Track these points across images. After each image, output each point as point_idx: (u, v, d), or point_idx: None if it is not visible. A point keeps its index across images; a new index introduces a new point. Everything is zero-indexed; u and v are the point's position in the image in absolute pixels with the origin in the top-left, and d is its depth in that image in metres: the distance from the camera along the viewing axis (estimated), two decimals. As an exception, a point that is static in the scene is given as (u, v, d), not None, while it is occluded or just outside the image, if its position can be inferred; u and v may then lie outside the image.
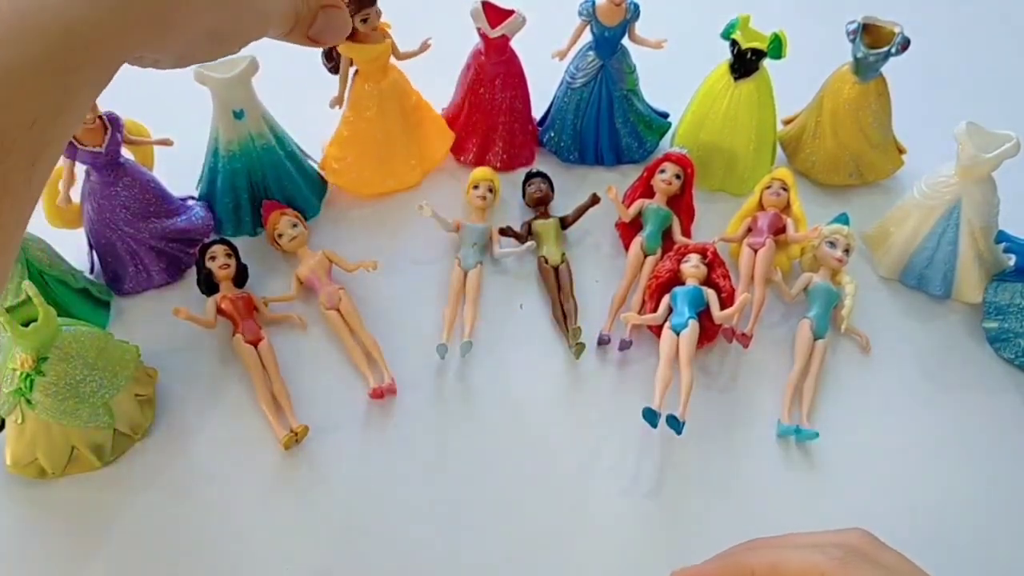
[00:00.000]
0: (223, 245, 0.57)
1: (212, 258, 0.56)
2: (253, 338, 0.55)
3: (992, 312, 0.58)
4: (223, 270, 0.56)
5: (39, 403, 0.47)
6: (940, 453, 0.53)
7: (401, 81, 0.63)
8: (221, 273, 0.56)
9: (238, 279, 0.57)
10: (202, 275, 0.56)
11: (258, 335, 0.55)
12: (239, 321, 0.55)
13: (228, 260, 0.56)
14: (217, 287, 0.56)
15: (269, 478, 0.51)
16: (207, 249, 0.56)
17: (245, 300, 0.56)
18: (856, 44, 0.61)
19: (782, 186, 0.61)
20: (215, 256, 0.56)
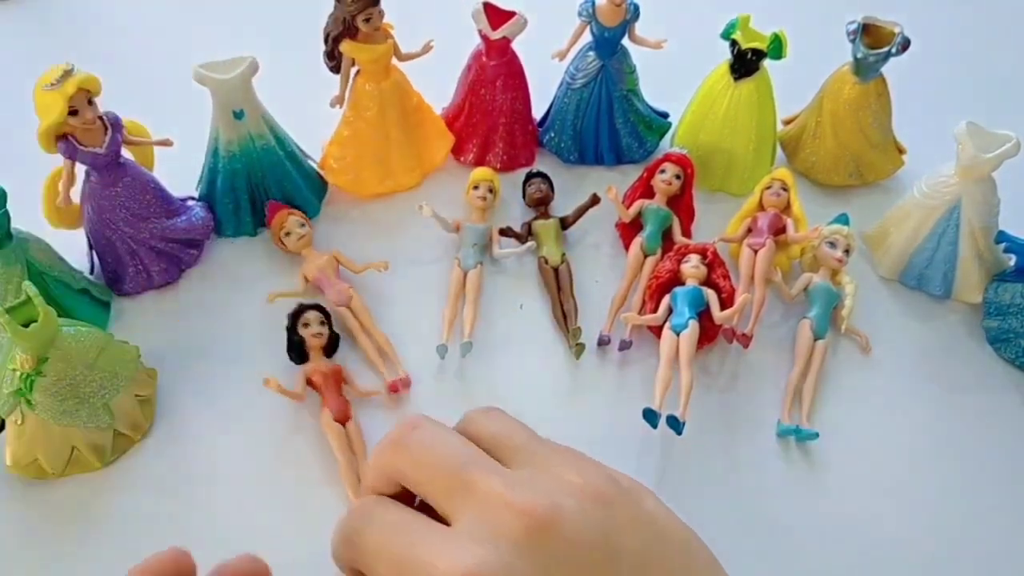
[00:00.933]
0: (317, 312, 0.53)
1: (306, 325, 0.53)
2: (341, 416, 0.51)
3: (992, 312, 0.58)
4: (316, 339, 0.53)
5: (39, 403, 0.47)
6: (940, 453, 0.53)
7: (402, 82, 0.63)
8: (314, 342, 0.53)
9: (329, 348, 0.54)
10: (293, 342, 0.53)
11: (346, 413, 0.52)
12: (327, 396, 0.52)
13: (322, 328, 0.53)
14: (307, 355, 0.53)
15: (269, 478, 0.51)
16: (300, 315, 0.53)
17: (335, 373, 0.53)
18: (856, 44, 0.61)
19: (782, 186, 0.61)
20: (309, 323, 0.53)
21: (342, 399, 0.52)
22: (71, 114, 0.51)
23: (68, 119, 0.51)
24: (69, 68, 0.50)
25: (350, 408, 0.52)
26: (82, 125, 0.52)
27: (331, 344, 0.54)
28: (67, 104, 0.50)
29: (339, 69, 0.61)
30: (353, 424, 0.51)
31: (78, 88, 0.50)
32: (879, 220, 0.62)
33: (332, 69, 0.62)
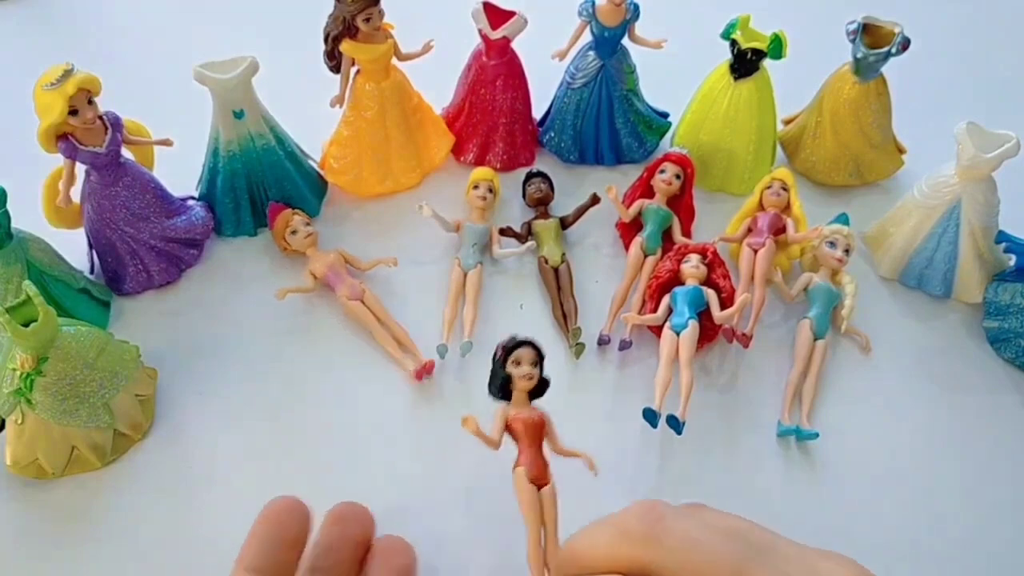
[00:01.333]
0: (531, 350, 0.44)
1: (517, 364, 0.44)
2: (539, 478, 0.43)
3: (992, 312, 0.58)
4: (525, 381, 0.44)
5: (39, 403, 0.47)
6: (940, 453, 0.53)
7: (402, 82, 0.63)
8: (521, 384, 0.44)
9: (536, 392, 0.46)
10: (499, 377, 0.45)
11: (545, 475, 0.44)
12: (525, 450, 0.44)
13: (533, 370, 0.44)
14: (510, 394, 0.45)
15: (269, 478, 0.51)
16: (512, 350, 0.44)
17: (537, 424, 0.44)
18: (856, 44, 0.61)
19: (782, 186, 0.61)
20: (520, 362, 0.44)
21: (542, 457, 0.44)
22: (71, 114, 0.51)
23: (68, 119, 0.51)
24: (69, 68, 0.50)
25: (549, 470, 0.43)
26: (82, 125, 0.52)
27: (539, 389, 0.45)
28: (67, 104, 0.50)
29: (339, 69, 0.61)
30: (550, 489, 0.43)
31: (78, 88, 0.50)
32: (879, 220, 0.62)
33: (332, 69, 0.62)
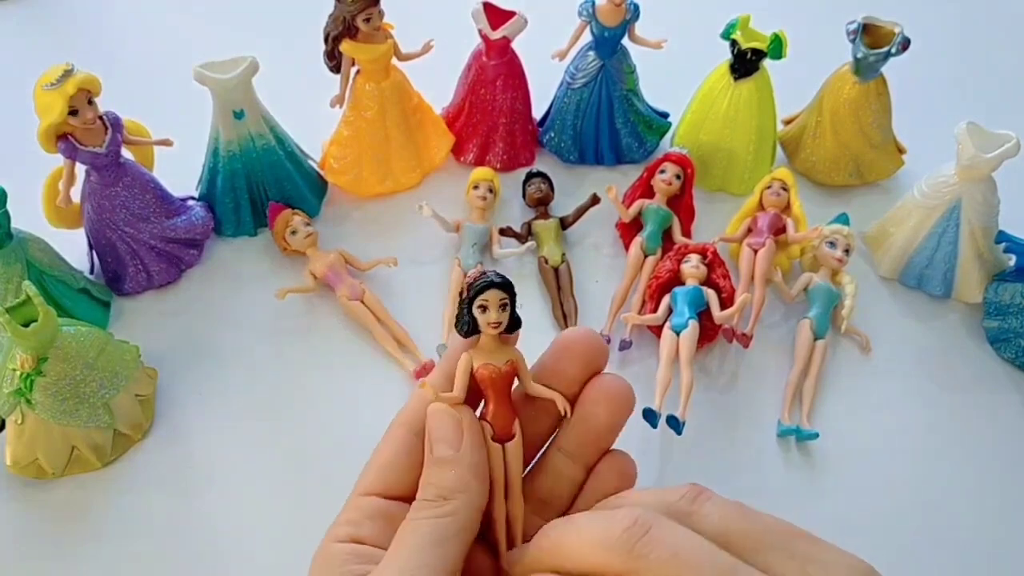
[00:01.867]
0: (500, 292, 0.35)
1: (483, 308, 0.35)
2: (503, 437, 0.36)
3: (992, 312, 0.58)
4: (492, 328, 0.36)
5: (39, 403, 0.47)
6: (940, 453, 0.53)
7: (402, 82, 0.63)
8: (488, 330, 0.36)
9: (508, 329, 0.37)
10: (464, 321, 0.36)
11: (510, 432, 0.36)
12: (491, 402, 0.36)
13: (501, 316, 0.36)
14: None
15: (270, 478, 0.51)
16: (478, 293, 0.35)
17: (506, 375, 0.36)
18: (856, 44, 0.61)
19: (782, 186, 0.61)
20: (486, 307, 0.35)
21: (510, 410, 0.36)
22: (71, 114, 0.51)
23: (68, 119, 0.51)
24: (69, 68, 0.50)
25: (516, 423, 0.36)
26: (82, 125, 0.52)
27: (510, 328, 0.37)
28: (67, 104, 0.50)
29: (339, 69, 0.61)
30: (515, 444, 0.36)
31: (78, 88, 0.50)
32: (879, 220, 0.62)
33: (332, 69, 0.62)
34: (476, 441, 0.34)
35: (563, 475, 0.36)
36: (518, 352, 0.37)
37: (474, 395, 0.36)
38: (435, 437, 0.34)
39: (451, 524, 0.32)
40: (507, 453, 0.36)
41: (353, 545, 0.33)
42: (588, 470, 0.36)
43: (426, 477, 0.33)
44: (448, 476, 0.33)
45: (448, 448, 0.33)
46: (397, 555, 0.31)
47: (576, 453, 0.36)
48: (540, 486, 0.36)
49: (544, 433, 0.37)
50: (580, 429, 0.36)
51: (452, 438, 0.33)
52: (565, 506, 0.36)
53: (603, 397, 0.35)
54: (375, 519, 0.33)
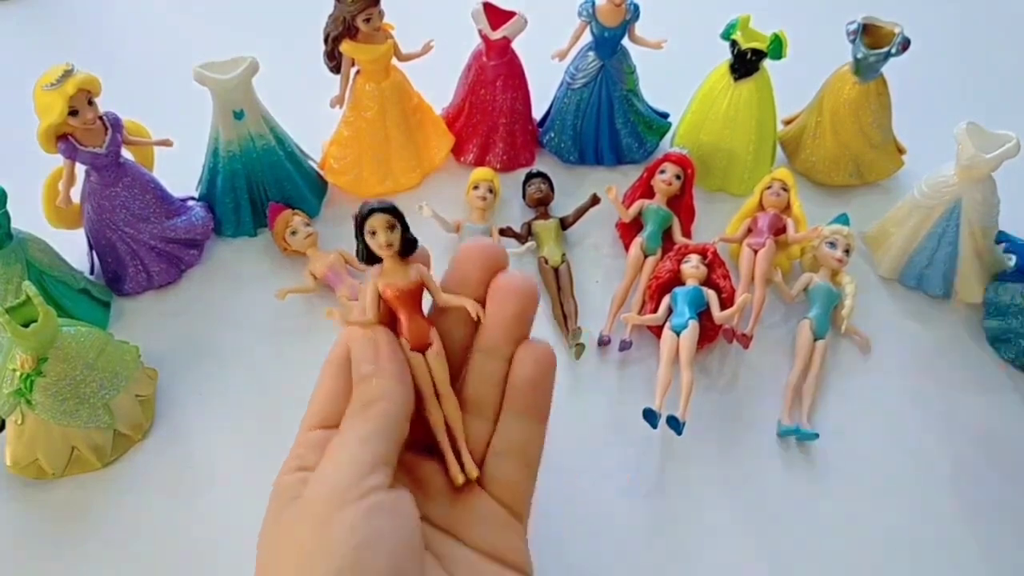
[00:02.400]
0: (383, 215, 0.37)
1: (372, 233, 0.37)
2: (421, 346, 0.38)
3: (992, 312, 0.58)
4: (385, 250, 0.37)
5: (39, 403, 0.47)
6: (940, 453, 0.53)
7: (402, 82, 0.63)
8: (382, 253, 0.38)
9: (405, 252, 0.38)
10: (361, 250, 0.38)
11: (426, 340, 0.38)
12: (403, 317, 0.38)
13: (391, 237, 0.37)
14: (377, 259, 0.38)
15: (270, 478, 0.51)
16: (364, 221, 0.37)
17: (412, 290, 0.38)
18: (856, 44, 0.61)
19: (782, 186, 0.61)
20: (375, 231, 0.37)
21: (422, 320, 0.38)
22: (71, 114, 0.51)
23: (68, 119, 0.51)
24: (69, 68, 0.50)
25: (431, 330, 0.38)
26: (82, 125, 0.52)
27: (407, 249, 0.38)
28: (67, 104, 0.50)
29: (339, 69, 0.61)
30: (433, 350, 0.38)
31: (78, 88, 0.50)
32: (879, 220, 0.62)
33: (332, 69, 0.62)
34: (391, 351, 0.36)
35: (488, 373, 0.38)
36: (422, 269, 0.38)
37: (394, 318, 0.38)
38: (356, 359, 0.36)
39: (375, 424, 0.33)
40: (429, 361, 0.38)
41: (301, 473, 0.35)
42: (508, 362, 0.38)
43: (353, 395, 0.35)
44: (371, 386, 0.35)
45: (368, 364, 0.35)
46: (327, 457, 0.33)
47: (493, 349, 0.38)
48: (470, 389, 0.38)
49: (465, 339, 0.39)
50: (492, 324, 0.37)
51: (369, 354, 0.36)
52: (496, 404, 0.38)
53: (507, 289, 0.38)
54: (318, 448, 0.35)
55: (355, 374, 0.36)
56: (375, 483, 0.32)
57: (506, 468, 0.37)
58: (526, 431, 0.38)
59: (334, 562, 0.29)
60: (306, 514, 0.31)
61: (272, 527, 0.33)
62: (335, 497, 0.31)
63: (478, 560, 0.36)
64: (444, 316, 0.38)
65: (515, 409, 0.37)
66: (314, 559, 0.30)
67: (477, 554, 0.36)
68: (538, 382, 0.38)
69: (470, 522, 0.36)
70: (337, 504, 0.30)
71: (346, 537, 0.30)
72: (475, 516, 0.36)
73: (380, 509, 0.31)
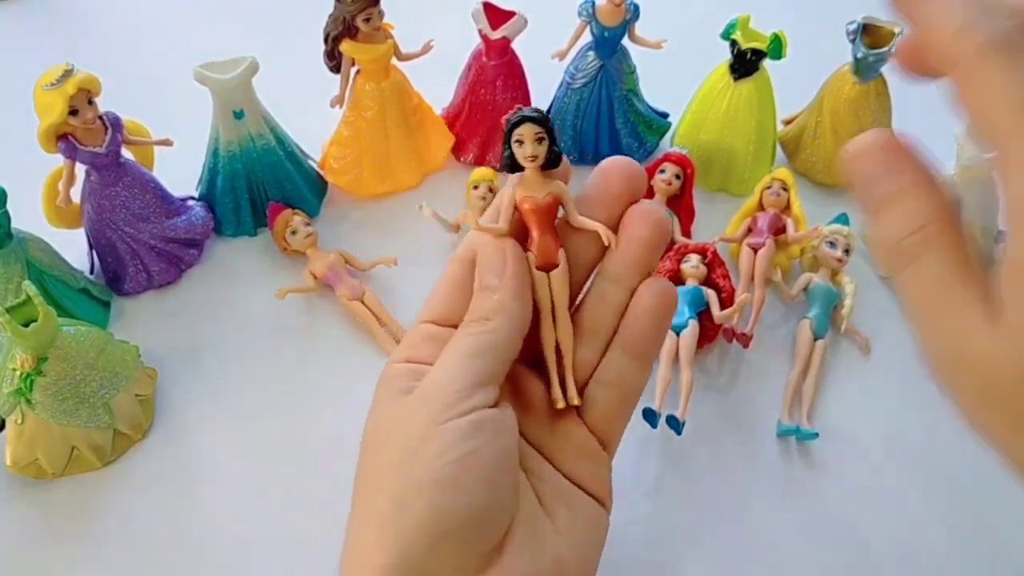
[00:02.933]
0: (534, 126, 0.36)
1: (520, 143, 0.36)
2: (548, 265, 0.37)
3: (992, 312, 0.58)
4: (529, 161, 0.36)
5: (39, 403, 0.47)
6: (940, 453, 0.53)
7: (402, 82, 0.63)
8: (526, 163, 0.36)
9: (549, 164, 0.37)
10: (506, 158, 0.37)
11: (554, 260, 0.37)
12: (535, 233, 0.37)
13: (538, 148, 0.36)
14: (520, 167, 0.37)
15: (270, 478, 0.51)
16: (513, 129, 0.36)
17: (549, 206, 0.37)
18: (856, 44, 0.61)
19: (782, 186, 0.61)
20: (522, 140, 0.36)
21: (554, 239, 0.37)
22: (71, 114, 0.51)
23: (68, 119, 0.51)
24: (69, 68, 0.50)
25: (560, 252, 0.37)
26: (82, 125, 0.52)
27: (551, 163, 0.37)
28: (67, 104, 0.50)
29: (339, 69, 0.61)
30: (559, 271, 0.37)
31: (78, 88, 0.50)
32: None
33: (332, 69, 0.62)
34: (518, 268, 0.36)
35: (608, 301, 0.37)
36: (562, 186, 0.37)
37: (524, 231, 0.37)
38: (482, 267, 0.36)
39: (489, 340, 0.34)
40: (552, 281, 0.37)
41: (408, 365, 0.35)
42: (631, 294, 0.37)
43: (473, 303, 0.36)
44: (490, 300, 0.35)
45: (492, 276, 0.35)
46: (440, 363, 0.34)
47: (621, 276, 0.37)
48: (586, 315, 0.38)
49: (591, 262, 0.38)
50: (624, 251, 0.37)
51: (496, 266, 0.35)
52: (610, 333, 0.38)
53: (644, 215, 0.37)
54: (428, 342, 0.36)
55: (478, 282, 0.36)
56: (481, 400, 0.32)
57: (606, 399, 0.37)
58: (631, 368, 0.38)
59: (432, 474, 0.31)
60: (414, 417, 0.32)
61: (381, 415, 0.35)
62: (443, 408, 0.32)
63: (564, 484, 0.36)
64: (573, 234, 0.38)
65: (624, 342, 0.37)
66: (415, 464, 0.31)
67: (563, 478, 0.36)
68: (659, 316, 0.37)
69: (562, 446, 0.37)
70: (443, 415, 0.32)
71: (446, 450, 0.31)
72: (567, 441, 0.37)
73: (482, 426, 0.32)
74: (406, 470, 0.31)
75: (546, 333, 0.37)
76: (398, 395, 0.34)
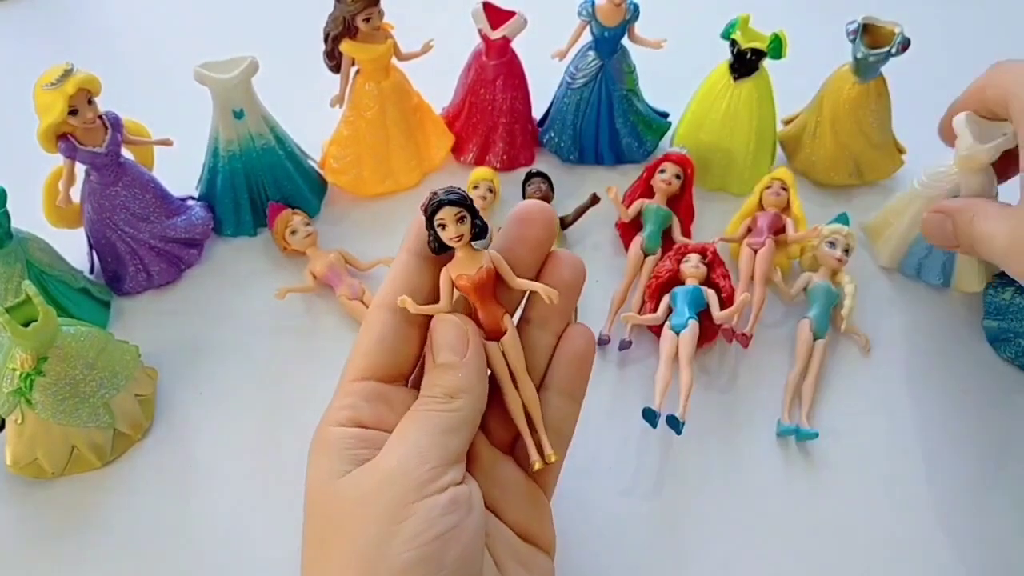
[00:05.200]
0: (452, 208, 0.36)
1: (442, 226, 0.36)
2: (494, 334, 0.38)
3: (992, 311, 0.58)
4: (456, 241, 0.37)
5: (39, 403, 0.47)
6: (940, 453, 0.53)
7: (402, 82, 0.63)
8: (453, 244, 0.37)
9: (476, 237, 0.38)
10: (433, 240, 0.37)
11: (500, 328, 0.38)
12: (477, 306, 0.38)
13: (461, 228, 0.36)
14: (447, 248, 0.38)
15: (270, 478, 0.51)
16: (433, 215, 0.37)
17: (485, 279, 0.37)
18: (856, 44, 0.61)
19: (782, 186, 0.61)
20: (444, 224, 0.36)
21: (496, 308, 0.38)
22: (71, 113, 0.51)
23: (68, 118, 0.51)
24: (69, 68, 0.50)
25: (505, 318, 0.38)
26: (82, 125, 0.52)
27: (479, 235, 0.37)
28: (67, 103, 0.50)
29: (339, 69, 0.61)
30: (509, 337, 0.38)
31: (78, 88, 0.50)
32: (879, 210, 0.62)
33: (332, 69, 0.62)
34: (478, 346, 0.36)
35: (536, 344, 0.39)
36: (493, 255, 0.38)
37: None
38: (440, 344, 0.36)
39: (458, 418, 0.34)
40: (505, 348, 0.38)
41: (355, 429, 0.34)
42: (557, 337, 0.39)
43: (431, 379, 0.35)
44: (454, 377, 0.35)
45: (453, 354, 0.35)
46: (407, 436, 0.33)
47: (548, 321, 0.39)
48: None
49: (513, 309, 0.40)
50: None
51: (457, 345, 0.36)
52: (540, 374, 0.39)
53: (564, 261, 0.39)
54: (372, 402, 0.35)
55: (435, 359, 0.36)
56: (454, 477, 0.32)
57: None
58: (564, 407, 0.39)
59: (412, 553, 0.30)
60: (382, 495, 0.31)
61: (337, 489, 0.33)
62: (417, 486, 0.31)
63: (515, 541, 0.37)
64: (506, 291, 0.38)
65: (558, 384, 0.38)
66: (391, 545, 0.30)
67: (513, 534, 0.37)
68: (586, 359, 0.39)
69: (507, 497, 0.37)
70: (417, 493, 0.31)
71: (425, 528, 0.30)
72: (511, 491, 0.37)
73: (458, 502, 0.32)
74: (382, 551, 0.30)
75: (511, 399, 0.38)
76: (348, 464, 0.33)
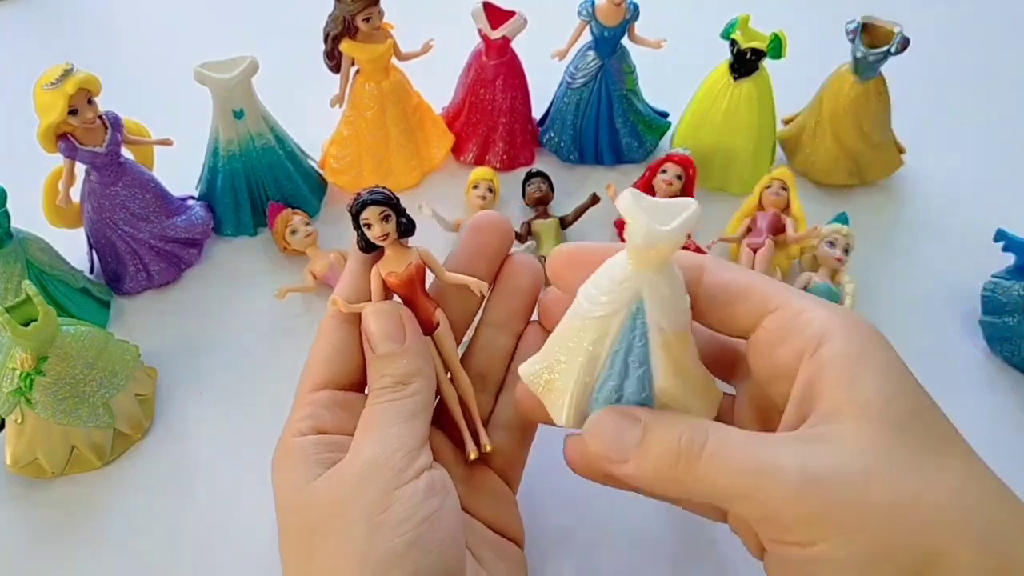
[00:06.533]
0: (376, 208, 0.37)
1: (368, 226, 0.37)
2: (427, 329, 0.39)
3: (989, 310, 0.58)
4: (383, 240, 0.38)
5: (39, 403, 0.47)
6: (940, 453, 0.53)
7: (402, 82, 0.63)
8: (381, 243, 0.38)
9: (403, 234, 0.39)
10: (361, 240, 0.39)
11: (432, 323, 0.39)
12: (408, 302, 0.39)
13: (386, 227, 0.37)
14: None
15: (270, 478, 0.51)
16: (358, 215, 0.37)
17: (413, 275, 0.38)
18: (856, 44, 0.61)
19: (782, 186, 0.61)
20: (370, 224, 0.37)
21: (427, 302, 0.39)
22: (71, 113, 0.51)
23: (68, 118, 0.51)
24: (69, 68, 0.50)
25: (436, 311, 0.39)
26: (82, 124, 0.52)
27: (405, 232, 0.39)
28: (67, 103, 0.50)
29: (339, 69, 0.62)
30: (442, 330, 0.39)
31: (78, 87, 0.50)
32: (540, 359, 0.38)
33: (332, 69, 0.62)
34: (416, 329, 0.37)
35: (495, 347, 0.40)
36: (422, 251, 0.39)
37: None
38: (378, 334, 0.36)
39: (416, 402, 0.34)
40: (437, 341, 0.39)
41: (318, 436, 0.34)
42: (516, 339, 0.40)
43: (376, 371, 0.35)
44: (401, 364, 0.35)
45: (392, 342, 0.36)
46: (372, 430, 0.33)
47: (507, 324, 0.40)
48: (476, 362, 0.40)
49: (470, 313, 0.40)
50: (508, 301, 0.39)
51: (395, 332, 0.36)
52: (500, 377, 0.40)
53: (521, 264, 0.40)
54: (333, 409, 0.35)
55: (377, 349, 0.36)
56: (425, 461, 0.33)
57: (508, 441, 0.39)
58: None
59: (404, 538, 0.30)
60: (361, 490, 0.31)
61: (302, 492, 0.33)
62: (394, 475, 0.31)
63: (487, 532, 0.37)
64: (447, 291, 0.39)
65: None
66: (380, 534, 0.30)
67: (484, 527, 0.37)
68: None
69: (476, 493, 0.38)
70: (395, 482, 0.31)
71: (411, 513, 0.31)
72: (480, 488, 0.38)
73: (434, 485, 0.32)
74: (372, 544, 0.30)
75: (447, 390, 0.39)
76: (318, 468, 0.33)
